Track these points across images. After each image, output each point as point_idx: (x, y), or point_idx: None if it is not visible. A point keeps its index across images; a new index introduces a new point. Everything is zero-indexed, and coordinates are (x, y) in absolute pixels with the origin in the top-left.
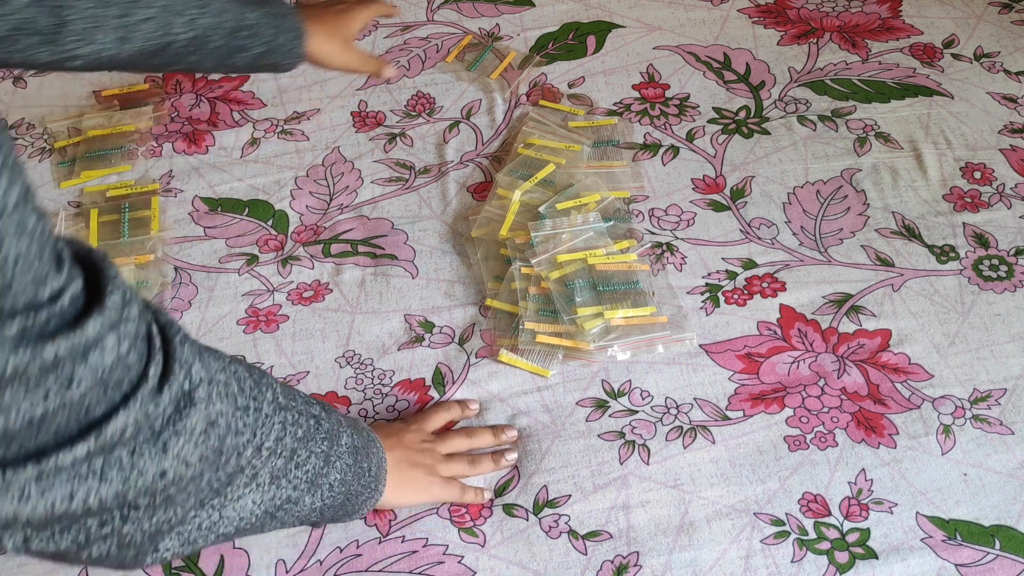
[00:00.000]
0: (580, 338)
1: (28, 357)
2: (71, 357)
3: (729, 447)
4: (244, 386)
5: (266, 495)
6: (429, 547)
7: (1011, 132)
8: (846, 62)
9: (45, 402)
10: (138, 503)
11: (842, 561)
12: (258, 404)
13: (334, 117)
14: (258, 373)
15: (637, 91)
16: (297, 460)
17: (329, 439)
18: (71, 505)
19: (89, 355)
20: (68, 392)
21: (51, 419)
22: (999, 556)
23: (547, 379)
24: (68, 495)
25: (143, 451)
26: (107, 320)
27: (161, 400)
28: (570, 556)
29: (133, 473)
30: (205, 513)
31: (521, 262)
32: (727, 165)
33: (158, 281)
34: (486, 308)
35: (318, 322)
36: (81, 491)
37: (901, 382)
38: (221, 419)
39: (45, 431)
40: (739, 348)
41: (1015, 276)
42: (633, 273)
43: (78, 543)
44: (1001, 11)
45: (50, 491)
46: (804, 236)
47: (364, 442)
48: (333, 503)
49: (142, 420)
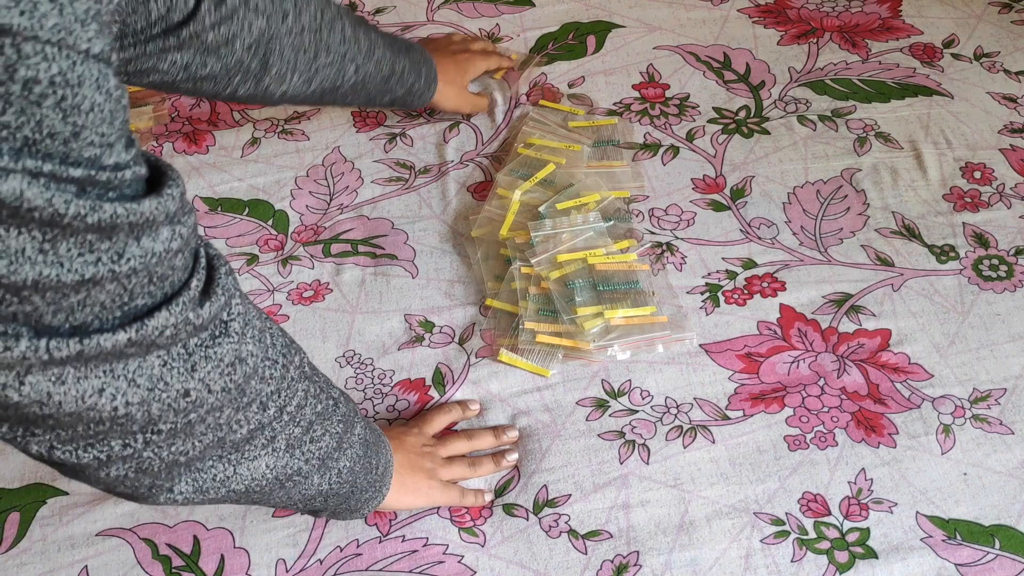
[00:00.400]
0: (580, 338)
1: (88, 207)
2: (126, 229)
3: (729, 447)
4: (276, 342)
5: (279, 461)
6: (429, 547)
7: (1011, 132)
8: (846, 62)
9: (97, 265)
10: (159, 426)
11: (842, 560)
12: (287, 362)
13: (334, 117)
14: (290, 338)
15: (637, 91)
16: (313, 434)
17: (345, 423)
18: (99, 400)
19: (142, 237)
20: (118, 264)
21: (100, 287)
22: (999, 556)
23: (547, 379)
24: (99, 389)
25: (173, 365)
26: (163, 208)
27: (201, 313)
28: (570, 556)
29: (160, 384)
30: (221, 465)
31: (521, 262)
32: (727, 165)
33: None
34: (486, 308)
35: (318, 322)
36: (110, 388)
37: (901, 382)
38: (250, 359)
39: (92, 301)
40: (739, 348)
41: (1015, 276)
42: (633, 273)
43: (99, 459)
44: (1001, 11)
45: (84, 380)
46: (804, 236)
47: (375, 439)
48: (339, 491)
49: (181, 327)
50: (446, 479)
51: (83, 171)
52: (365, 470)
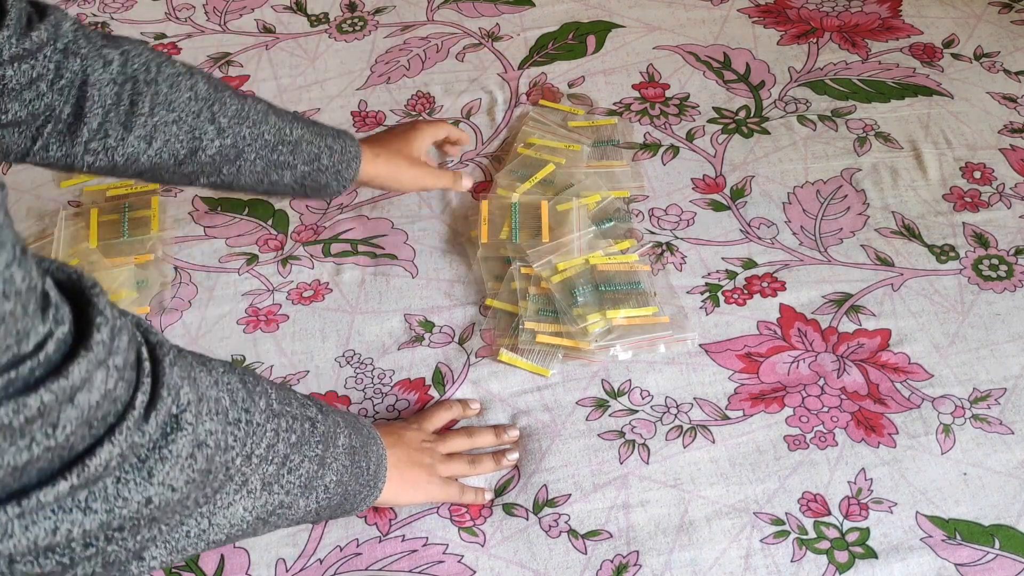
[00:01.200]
0: (582, 338)
1: (12, 410)
2: (57, 403)
3: (729, 447)
4: (236, 398)
5: (257, 501)
6: (429, 546)
7: (1011, 132)
8: (846, 62)
9: (30, 450)
10: (123, 527)
11: (842, 560)
12: (250, 416)
13: (334, 117)
14: (252, 380)
15: (637, 91)
16: (290, 465)
17: (325, 442)
18: (55, 538)
19: (76, 397)
20: (53, 436)
21: (35, 463)
22: (999, 555)
23: (547, 378)
24: (52, 529)
25: (128, 480)
26: (94, 359)
27: (147, 429)
28: (570, 555)
29: (118, 503)
30: (193, 521)
31: (521, 262)
32: (727, 165)
33: (158, 281)
34: (486, 308)
35: (318, 322)
36: (65, 524)
37: (901, 382)
38: (210, 438)
39: (28, 474)
40: (739, 348)
41: (1015, 276)
42: (635, 274)
43: (63, 564)
44: (1001, 11)
45: (33, 527)
46: (804, 236)
47: (363, 441)
48: (329, 503)
49: (127, 451)
50: (446, 475)
51: (4, 379)
52: (355, 476)
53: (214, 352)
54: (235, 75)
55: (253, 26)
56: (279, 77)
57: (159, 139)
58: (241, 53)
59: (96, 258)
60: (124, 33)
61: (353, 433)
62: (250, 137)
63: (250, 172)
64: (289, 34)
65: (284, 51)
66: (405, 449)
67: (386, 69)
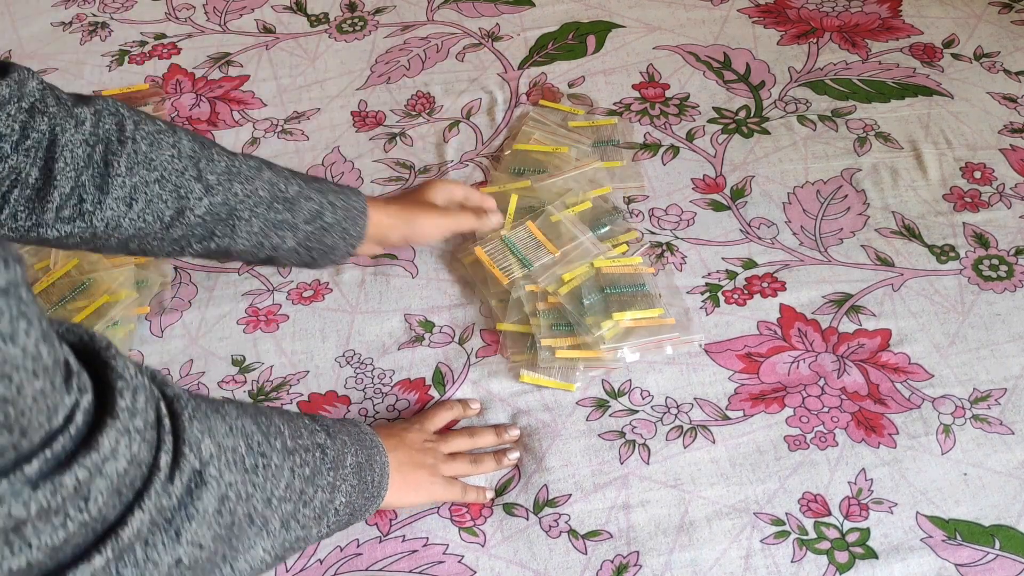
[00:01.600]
0: (595, 344)
1: (50, 492)
2: (90, 477)
3: (729, 447)
4: (252, 443)
5: (276, 540)
6: (429, 546)
7: (1011, 132)
8: (846, 62)
9: (65, 527)
10: None
11: (842, 561)
12: (267, 460)
13: (334, 117)
14: (265, 420)
15: (637, 91)
16: (305, 499)
17: (335, 467)
18: None
19: (104, 467)
20: (86, 510)
21: (71, 541)
22: (999, 556)
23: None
24: None
25: (156, 543)
26: (121, 427)
27: (173, 490)
28: (570, 555)
29: (148, 566)
30: (217, 572)
31: (524, 281)
32: (727, 165)
33: (158, 281)
34: (486, 308)
35: (318, 322)
36: None
37: (901, 382)
38: (231, 491)
39: (63, 553)
40: (739, 348)
41: (1015, 276)
42: (639, 276)
43: None
44: (1001, 11)
45: None
46: (804, 236)
47: (368, 455)
48: (339, 523)
49: (156, 515)
50: (448, 475)
51: (39, 460)
52: (361, 492)
53: (214, 352)
54: (235, 75)
55: (253, 26)
56: (279, 77)
57: (140, 200)
58: (241, 53)
59: (96, 258)
60: (124, 33)
61: (359, 448)
62: (243, 194)
63: (247, 234)
64: (289, 34)
65: (284, 51)
66: (407, 451)
67: (386, 69)
